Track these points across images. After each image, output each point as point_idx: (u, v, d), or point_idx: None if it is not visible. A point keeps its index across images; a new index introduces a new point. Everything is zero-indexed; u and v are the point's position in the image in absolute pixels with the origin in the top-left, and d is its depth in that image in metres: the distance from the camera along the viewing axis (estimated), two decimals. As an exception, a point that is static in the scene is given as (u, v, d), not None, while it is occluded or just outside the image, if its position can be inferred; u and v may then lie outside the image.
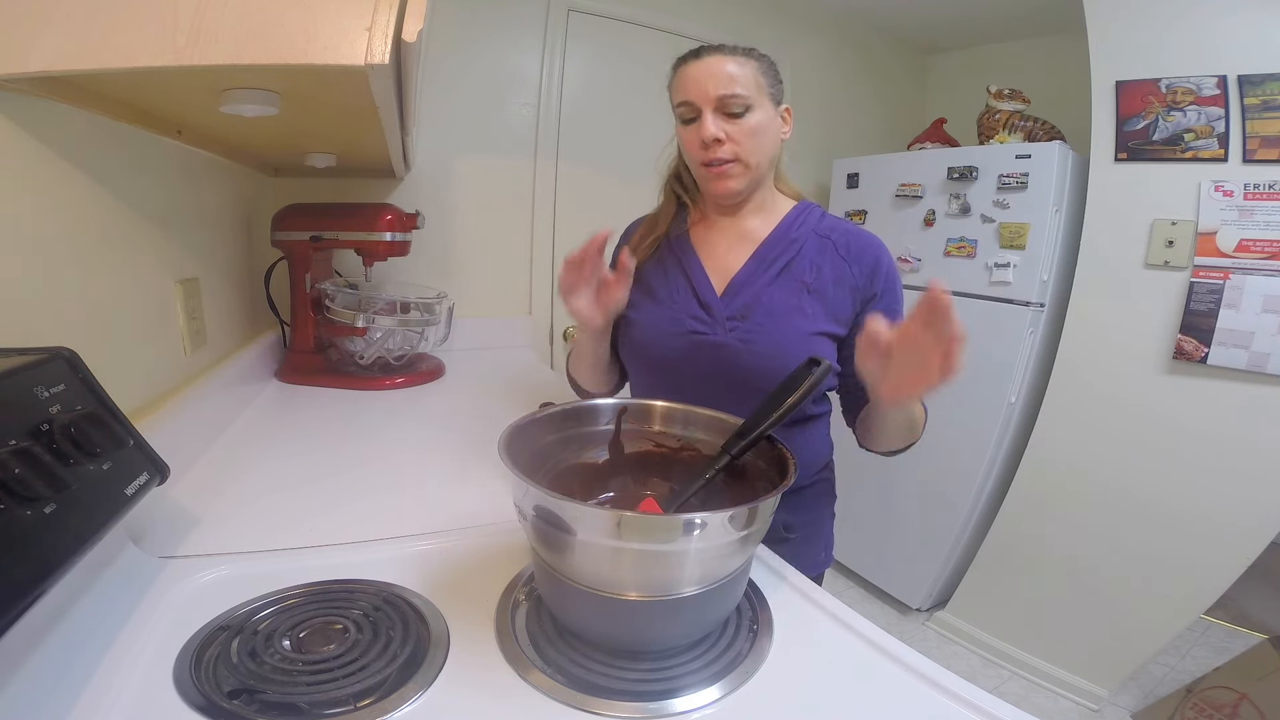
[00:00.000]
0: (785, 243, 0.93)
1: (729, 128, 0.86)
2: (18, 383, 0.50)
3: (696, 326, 0.92)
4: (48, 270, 0.71)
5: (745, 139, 0.87)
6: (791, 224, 0.95)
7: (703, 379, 0.89)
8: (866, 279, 0.92)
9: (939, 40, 2.83)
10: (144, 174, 0.95)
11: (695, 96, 0.86)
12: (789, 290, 0.91)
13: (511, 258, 2.18)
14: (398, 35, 0.60)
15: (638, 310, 0.98)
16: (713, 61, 0.85)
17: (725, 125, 0.86)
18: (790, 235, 0.94)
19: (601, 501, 0.74)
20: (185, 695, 0.50)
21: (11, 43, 0.57)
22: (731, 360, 0.89)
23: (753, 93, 0.86)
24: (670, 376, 0.94)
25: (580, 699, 0.52)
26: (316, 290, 1.50)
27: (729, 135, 0.86)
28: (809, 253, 0.93)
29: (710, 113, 0.85)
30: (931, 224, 2.20)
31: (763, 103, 0.87)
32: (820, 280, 0.91)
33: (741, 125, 0.86)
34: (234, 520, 0.82)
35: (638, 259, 0.99)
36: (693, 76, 0.86)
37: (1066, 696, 1.95)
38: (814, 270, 0.92)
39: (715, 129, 0.85)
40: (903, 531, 2.35)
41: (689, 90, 0.87)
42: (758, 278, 0.92)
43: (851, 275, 0.91)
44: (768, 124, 0.89)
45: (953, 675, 0.57)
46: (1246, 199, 1.57)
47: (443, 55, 1.87)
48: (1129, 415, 1.82)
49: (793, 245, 0.93)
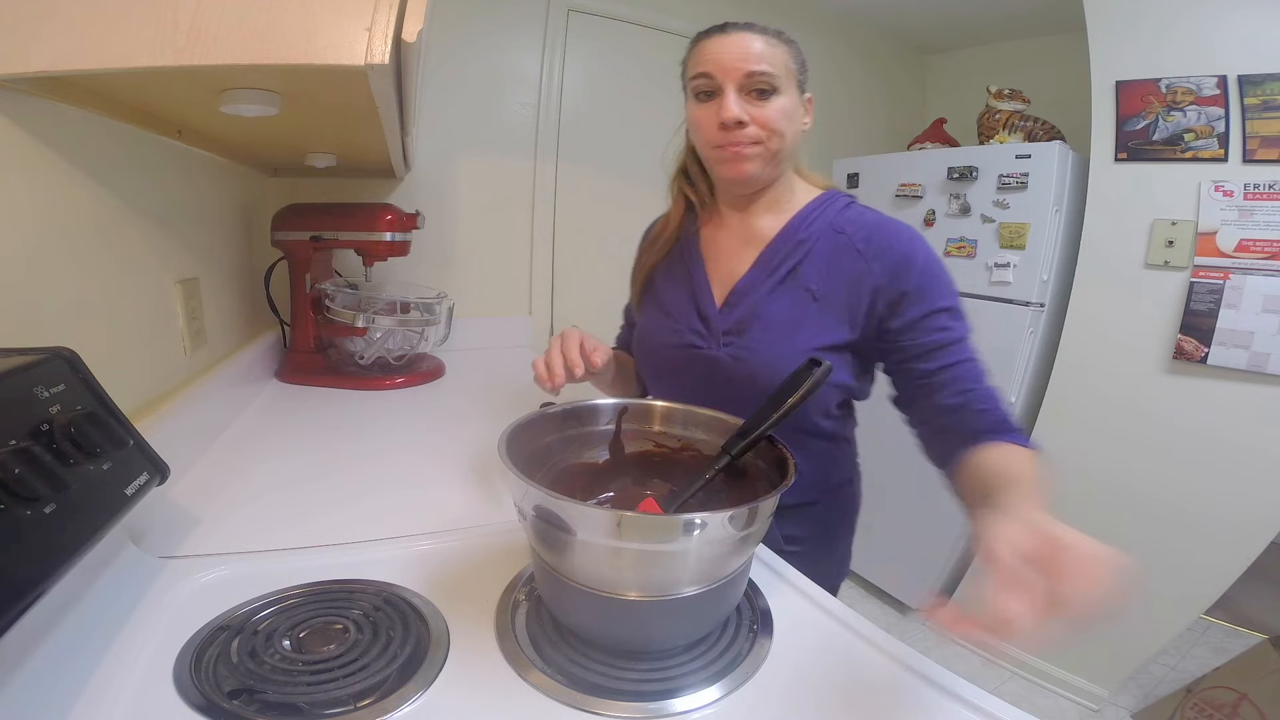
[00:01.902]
0: (792, 245, 0.86)
1: (752, 109, 0.78)
2: (18, 383, 0.50)
3: (694, 340, 0.88)
4: (48, 270, 0.71)
5: (769, 122, 0.79)
6: (802, 222, 0.87)
7: (701, 391, 0.82)
8: (889, 277, 0.80)
9: (939, 40, 2.83)
10: (144, 174, 0.95)
11: (717, 70, 0.78)
12: (791, 300, 0.84)
13: (511, 258, 2.18)
14: (398, 35, 0.59)
15: (645, 318, 0.97)
16: (741, 38, 0.78)
17: (748, 106, 0.78)
18: (798, 236, 0.86)
19: (601, 501, 0.74)
20: (185, 695, 0.50)
21: (12, 42, 0.57)
22: (725, 375, 0.85)
23: (780, 74, 0.78)
24: (670, 385, 0.93)
25: (580, 699, 0.52)
26: (316, 290, 1.50)
27: (752, 117, 0.78)
28: (819, 253, 0.84)
29: (733, 91, 0.78)
30: (932, 224, 2.20)
31: (790, 88, 0.80)
32: (830, 285, 0.83)
33: (766, 108, 0.79)
34: (234, 520, 0.82)
35: (650, 262, 0.97)
36: (717, 50, 0.79)
37: (1066, 696, 1.95)
38: (823, 274, 0.83)
39: (738, 109, 0.77)
40: (903, 531, 2.34)
41: (710, 63, 0.79)
42: (759, 286, 0.86)
43: (871, 274, 0.81)
44: (791, 109, 0.81)
45: (953, 675, 0.57)
46: (1246, 199, 1.57)
47: (443, 55, 1.87)
48: (1129, 415, 1.82)
49: (800, 247, 0.85)
